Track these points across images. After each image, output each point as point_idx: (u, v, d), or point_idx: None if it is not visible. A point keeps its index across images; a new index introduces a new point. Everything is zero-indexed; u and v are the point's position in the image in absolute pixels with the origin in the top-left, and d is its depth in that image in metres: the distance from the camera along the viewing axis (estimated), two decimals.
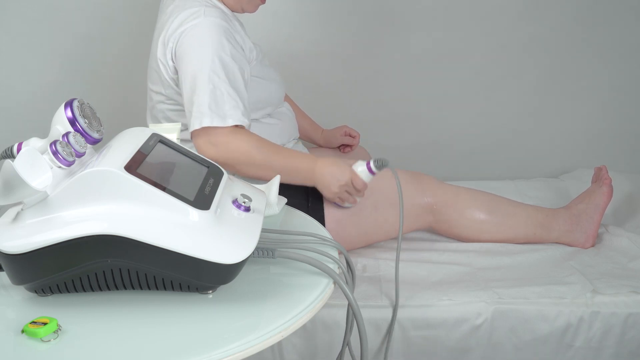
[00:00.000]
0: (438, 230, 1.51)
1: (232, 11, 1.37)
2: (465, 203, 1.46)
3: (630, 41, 2.00)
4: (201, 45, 1.23)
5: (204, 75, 1.22)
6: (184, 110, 1.31)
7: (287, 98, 1.62)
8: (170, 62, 1.28)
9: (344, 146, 1.72)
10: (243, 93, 1.26)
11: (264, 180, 1.18)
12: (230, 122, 1.22)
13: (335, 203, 1.34)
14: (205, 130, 1.22)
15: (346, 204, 1.34)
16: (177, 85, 1.30)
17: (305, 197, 1.34)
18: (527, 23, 1.99)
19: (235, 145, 1.23)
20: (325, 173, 1.27)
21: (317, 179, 1.28)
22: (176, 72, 1.28)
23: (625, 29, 1.99)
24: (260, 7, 1.40)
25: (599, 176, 1.56)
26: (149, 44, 1.40)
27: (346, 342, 1.10)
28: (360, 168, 1.26)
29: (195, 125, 1.22)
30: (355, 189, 1.27)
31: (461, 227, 1.47)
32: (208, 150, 1.23)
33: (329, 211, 1.36)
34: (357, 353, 1.20)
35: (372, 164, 1.24)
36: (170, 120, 1.35)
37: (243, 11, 1.37)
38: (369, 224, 1.40)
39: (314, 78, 2.01)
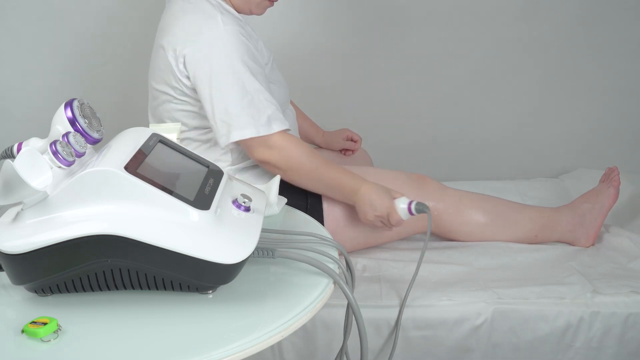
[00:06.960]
0: (437, 234, 1.51)
1: (239, 13, 1.35)
2: (467, 210, 1.45)
3: (630, 41, 2.00)
4: (227, 56, 1.22)
5: (238, 84, 1.21)
6: (191, 111, 1.31)
7: None
8: (181, 67, 1.26)
9: (345, 150, 1.72)
10: (273, 97, 1.26)
11: (308, 190, 1.28)
12: (276, 128, 1.22)
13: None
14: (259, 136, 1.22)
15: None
16: (188, 88, 1.28)
17: (304, 199, 1.34)
18: (527, 23, 1.99)
19: (290, 150, 1.23)
20: (366, 199, 1.27)
21: (357, 202, 1.28)
22: (188, 77, 1.26)
23: (625, 29, 1.99)
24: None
25: (609, 177, 1.54)
26: (151, 43, 1.40)
27: (345, 341, 1.10)
28: (401, 205, 1.25)
29: (240, 136, 1.21)
30: (390, 222, 1.27)
31: (460, 233, 1.48)
32: (263, 153, 1.23)
33: (328, 215, 1.35)
34: (355, 354, 1.20)
35: (413, 207, 1.24)
36: (175, 120, 1.34)
37: (250, 13, 1.36)
38: (369, 230, 1.40)
39: (315, 78, 2.01)
